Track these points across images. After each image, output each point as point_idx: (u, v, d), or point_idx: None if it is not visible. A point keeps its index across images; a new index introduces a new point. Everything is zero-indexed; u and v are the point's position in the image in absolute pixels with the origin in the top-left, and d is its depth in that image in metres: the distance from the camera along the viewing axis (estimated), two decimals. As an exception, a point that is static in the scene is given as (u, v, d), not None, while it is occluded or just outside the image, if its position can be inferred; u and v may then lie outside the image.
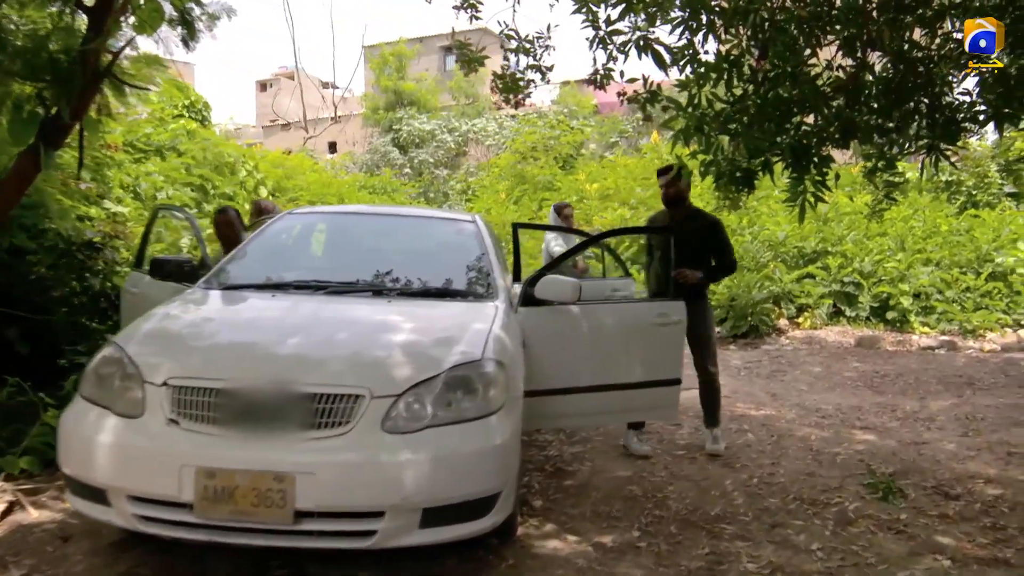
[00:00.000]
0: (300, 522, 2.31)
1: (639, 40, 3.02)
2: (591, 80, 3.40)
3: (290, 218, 4.25)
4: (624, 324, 3.82)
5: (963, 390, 6.39)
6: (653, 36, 3.06)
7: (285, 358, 2.56)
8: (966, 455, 4.54)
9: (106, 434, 2.44)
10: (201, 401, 2.41)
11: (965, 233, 10.10)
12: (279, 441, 2.35)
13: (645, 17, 3.01)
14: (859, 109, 3.49)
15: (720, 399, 4.67)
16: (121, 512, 2.43)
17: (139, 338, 2.77)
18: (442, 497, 2.40)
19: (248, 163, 9.71)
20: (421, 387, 2.50)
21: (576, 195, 14.07)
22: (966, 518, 3.52)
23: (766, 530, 3.33)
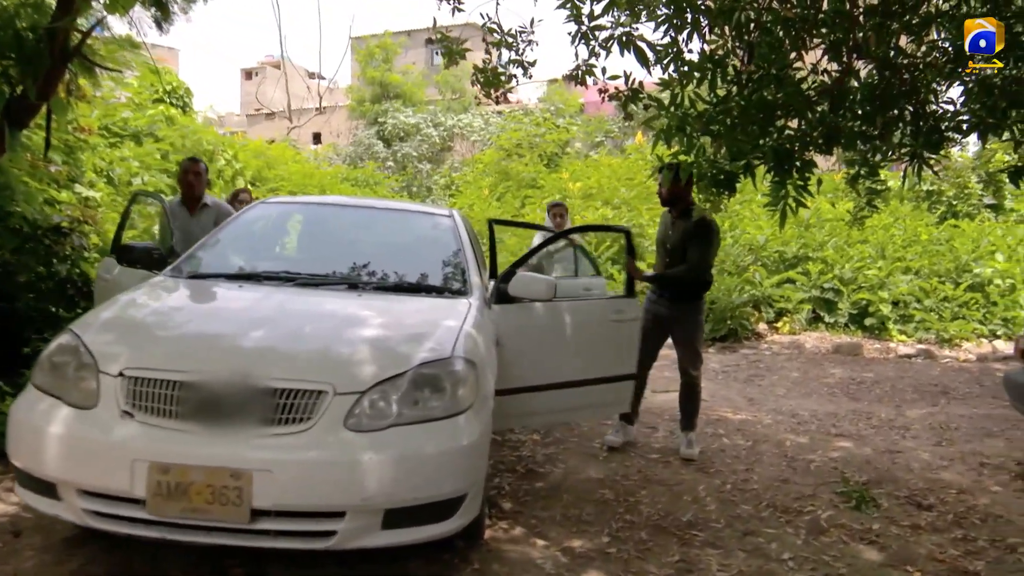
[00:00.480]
0: (257, 521, 2.22)
1: (622, 36, 2.96)
2: (572, 76, 3.34)
3: (264, 207, 4.16)
4: (584, 322, 3.79)
5: (938, 399, 6.41)
6: (636, 33, 3.00)
7: (246, 351, 2.48)
8: (939, 465, 4.54)
9: (57, 425, 2.34)
10: (157, 393, 2.31)
11: (945, 243, 10.17)
12: (237, 437, 2.26)
13: (629, 13, 2.94)
14: (843, 115, 3.45)
15: (699, 404, 4.61)
16: (71, 507, 2.34)
17: (97, 326, 2.67)
18: (405, 498, 2.32)
19: (227, 152, 9.54)
20: (387, 384, 2.43)
21: (559, 193, 14.02)
22: (938, 529, 3.51)
23: (738, 537, 3.29)
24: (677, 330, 4.49)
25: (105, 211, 6.36)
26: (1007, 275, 9.31)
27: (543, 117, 20.18)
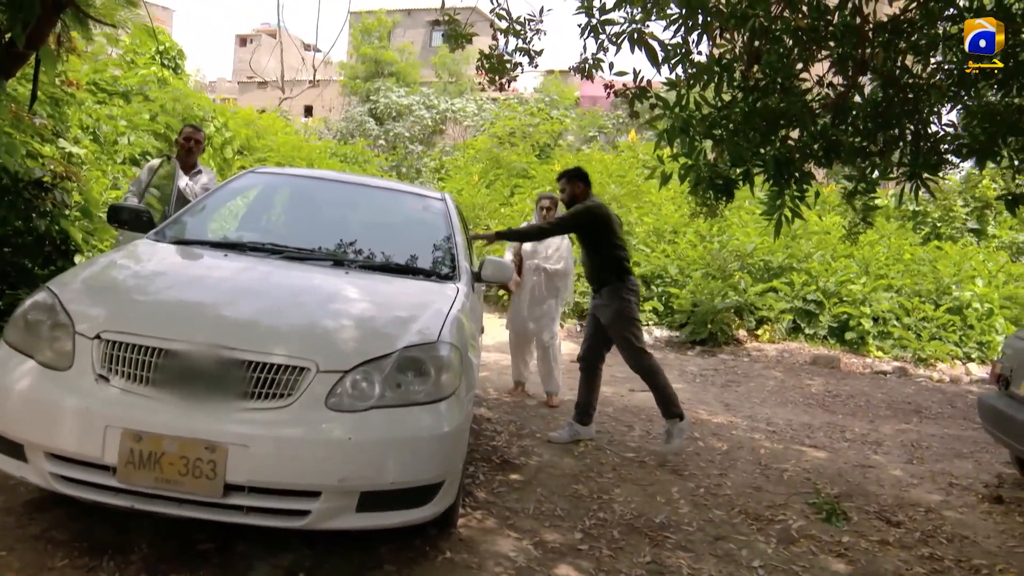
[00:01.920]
0: (229, 496, 2.18)
1: (633, 32, 2.92)
2: (578, 68, 3.30)
3: (252, 176, 4.08)
4: None
5: (911, 417, 6.49)
6: (647, 30, 2.96)
7: (229, 321, 2.42)
8: (909, 482, 4.58)
9: (28, 385, 2.27)
10: (135, 359, 2.25)
11: (928, 264, 10.26)
12: (214, 409, 2.21)
13: (641, 10, 2.90)
14: (844, 129, 3.46)
15: (662, 392, 4.50)
16: (37, 470, 2.27)
17: (75, 286, 2.59)
18: (382, 482, 2.29)
19: (218, 119, 9.38)
20: (371, 365, 2.39)
21: (550, 185, 13.98)
22: (905, 546, 3.54)
23: (709, 542, 3.30)
24: (601, 320, 4.53)
25: (89, 169, 6.22)
26: (986, 300, 9.43)
27: (538, 107, 20.10)
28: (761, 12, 2.74)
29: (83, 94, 6.95)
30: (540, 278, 5.55)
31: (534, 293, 5.53)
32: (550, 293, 5.57)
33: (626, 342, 4.44)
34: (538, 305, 5.54)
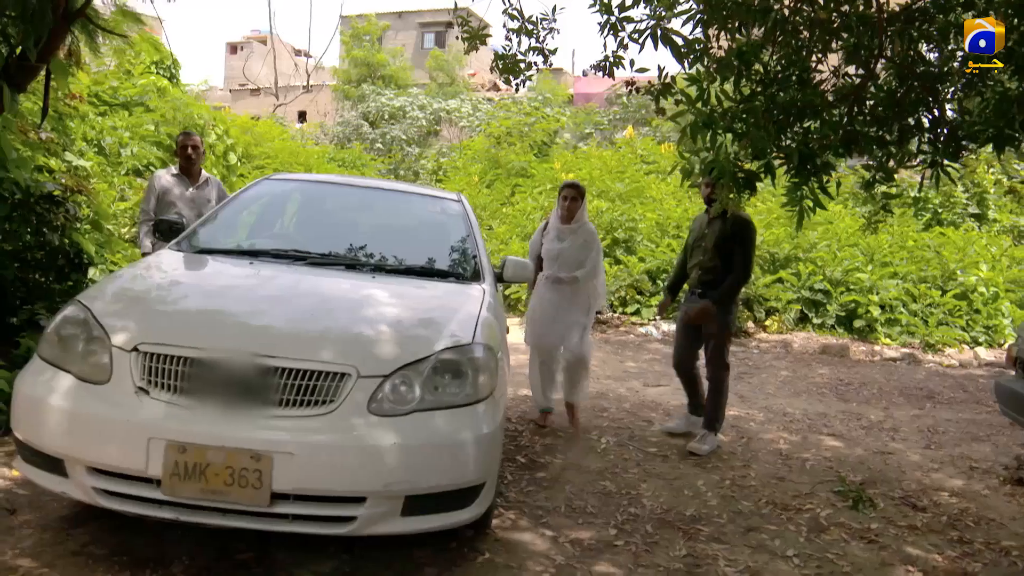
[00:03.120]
0: (275, 504, 2.17)
1: (655, 29, 2.92)
2: (600, 66, 3.30)
3: (268, 184, 4.07)
4: None
5: (924, 403, 6.50)
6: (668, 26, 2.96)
7: (267, 330, 2.42)
8: (930, 467, 4.60)
9: (67, 400, 2.27)
10: (174, 370, 2.25)
11: (932, 250, 10.29)
12: (258, 418, 2.21)
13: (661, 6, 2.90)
14: (862, 119, 3.46)
15: (720, 406, 4.57)
16: (79, 484, 2.27)
17: (106, 298, 2.59)
18: (426, 485, 2.29)
19: (219, 127, 9.36)
20: (409, 369, 2.39)
21: (550, 183, 13.99)
22: (933, 530, 3.55)
23: (741, 533, 3.31)
24: (705, 327, 4.54)
25: (96, 181, 6.21)
26: (991, 284, 9.46)
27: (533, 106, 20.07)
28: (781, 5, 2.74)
29: (85, 107, 6.93)
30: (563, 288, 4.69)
31: (560, 305, 4.68)
32: (576, 302, 4.72)
33: (720, 352, 4.50)
34: (563, 318, 4.68)
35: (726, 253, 4.43)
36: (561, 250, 4.64)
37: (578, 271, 4.62)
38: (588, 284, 4.72)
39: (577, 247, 4.64)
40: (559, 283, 4.65)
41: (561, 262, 4.64)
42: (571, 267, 4.63)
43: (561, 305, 4.65)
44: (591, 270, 4.71)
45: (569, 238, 4.64)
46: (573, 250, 4.64)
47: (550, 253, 4.69)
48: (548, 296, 4.70)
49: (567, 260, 4.63)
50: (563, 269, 4.64)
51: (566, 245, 4.64)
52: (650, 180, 13.41)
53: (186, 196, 4.93)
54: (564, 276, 4.63)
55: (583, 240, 4.66)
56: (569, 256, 4.63)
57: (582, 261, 4.64)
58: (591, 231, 4.76)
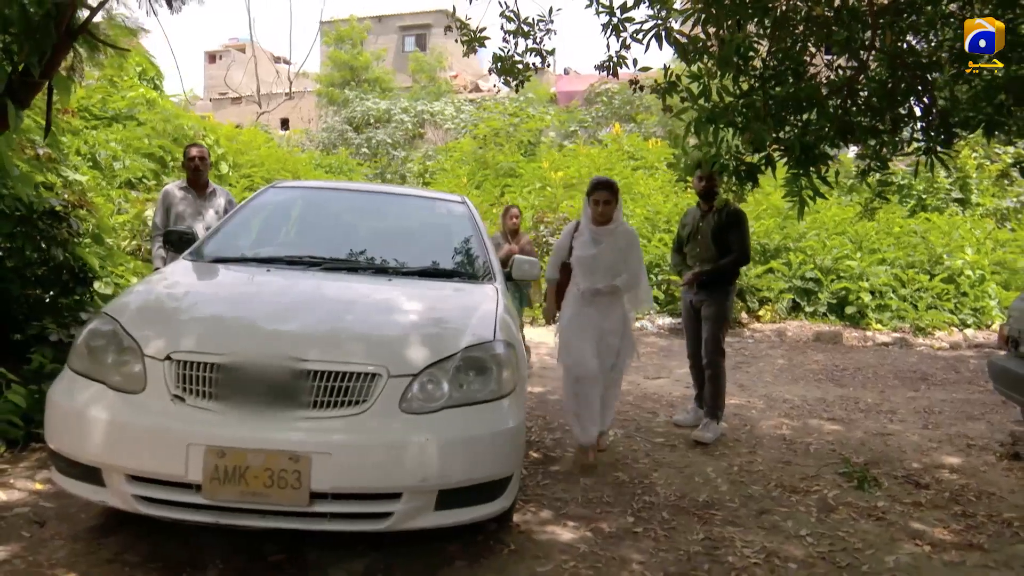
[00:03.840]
0: (315, 504, 2.23)
1: (657, 28, 3.01)
2: (604, 66, 3.37)
3: (273, 192, 4.12)
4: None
5: (918, 385, 6.65)
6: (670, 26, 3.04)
7: (300, 334, 2.47)
8: (929, 446, 4.72)
9: (103, 410, 2.31)
10: (209, 377, 2.30)
11: (918, 235, 10.47)
12: (294, 420, 2.26)
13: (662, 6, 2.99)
14: (855, 110, 3.57)
15: (720, 393, 4.65)
16: (118, 492, 2.31)
17: (133, 310, 2.63)
18: (458, 479, 2.36)
19: (209, 137, 9.36)
20: (436, 367, 2.46)
21: (539, 182, 14.08)
22: (937, 506, 3.66)
23: (754, 516, 3.40)
24: (704, 310, 4.63)
25: (92, 195, 6.21)
26: (976, 267, 9.65)
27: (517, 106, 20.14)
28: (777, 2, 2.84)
29: (77, 121, 6.94)
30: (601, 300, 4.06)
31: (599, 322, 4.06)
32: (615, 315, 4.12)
33: (716, 337, 4.59)
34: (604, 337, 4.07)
35: (723, 244, 4.54)
36: (597, 255, 4.01)
37: (617, 279, 4.02)
38: (628, 292, 4.13)
39: (616, 251, 4.03)
40: (597, 295, 4.02)
41: (597, 269, 4.02)
42: (609, 275, 4.02)
43: (601, 323, 4.04)
44: (632, 278, 4.09)
45: (606, 241, 4.01)
46: (611, 255, 4.02)
47: (583, 260, 4.05)
48: (585, 311, 4.06)
49: (604, 267, 4.01)
50: (600, 278, 4.01)
51: (602, 250, 4.01)
52: (638, 176, 13.54)
53: (195, 207, 4.96)
54: (603, 287, 4.00)
55: (623, 243, 4.05)
56: (606, 262, 4.01)
57: (622, 267, 4.04)
58: (631, 232, 4.19)
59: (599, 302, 4.04)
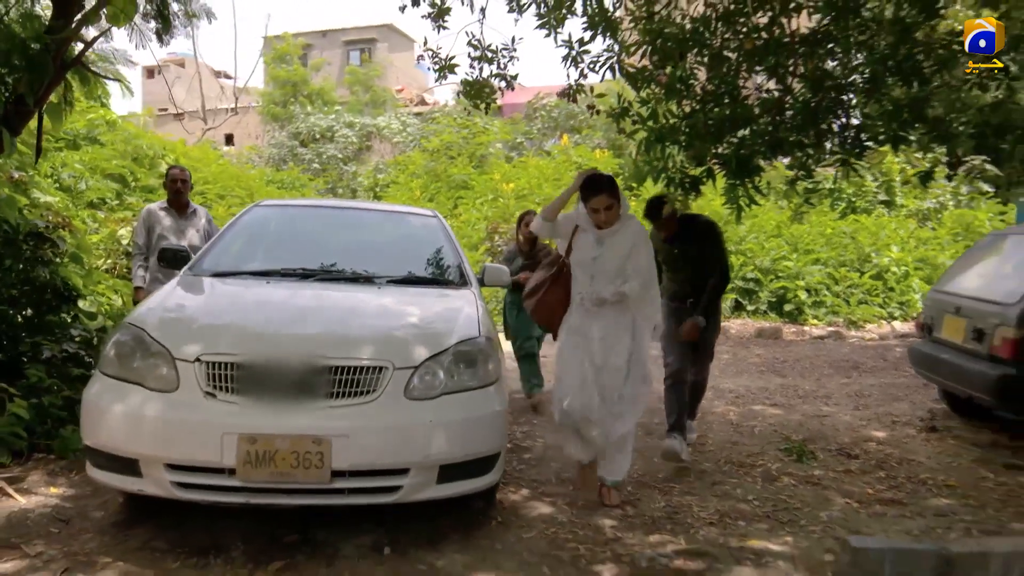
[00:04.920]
0: (335, 481, 2.57)
1: (608, 60, 3.45)
2: (565, 93, 3.80)
3: (259, 210, 4.41)
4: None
5: (850, 372, 7.28)
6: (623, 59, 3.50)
7: (316, 336, 2.81)
8: (859, 424, 5.28)
9: (142, 407, 2.61)
10: (236, 375, 2.62)
11: (848, 236, 11.25)
12: (314, 409, 2.61)
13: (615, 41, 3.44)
14: (784, 127, 4.08)
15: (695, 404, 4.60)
16: (156, 480, 2.61)
17: (154, 319, 2.92)
18: (456, 455, 2.73)
19: (168, 156, 9.49)
20: (433, 360, 2.83)
21: (491, 194, 14.49)
22: (865, 471, 4.19)
23: (708, 487, 3.86)
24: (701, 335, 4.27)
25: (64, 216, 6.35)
26: (901, 264, 10.46)
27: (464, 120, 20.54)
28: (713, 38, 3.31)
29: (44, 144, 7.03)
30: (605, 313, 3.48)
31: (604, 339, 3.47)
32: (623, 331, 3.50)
33: (711, 356, 4.52)
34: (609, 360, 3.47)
35: (700, 260, 4.22)
36: (598, 258, 3.45)
37: (625, 286, 3.41)
38: (639, 301, 3.46)
39: (623, 251, 3.43)
40: (601, 305, 3.44)
41: (600, 274, 3.45)
42: (615, 279, 3.43)
43: (603, 340, 3.45)
44: (643, 284, 3.44)
45: (609, 240, 3.44)
46: (616, 256, 3.43)
47: (583, 263, 3.49)
48: (584, 325, 3.50)
49: (608, 270, 3.43)
50: (604, 285, 3.44)
51: (606, 251, 3.44)
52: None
53: (176, 227, 5.17)
54: (608, 294, 3.42)
55: (630, 242, 3.44)
56: (611, 265, 3.43)
57: (630, 271, 3.44)
58: (638, 228, 3.51)
59: (603, 315, 3.45)
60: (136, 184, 8.52)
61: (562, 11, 3.77)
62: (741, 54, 3.81)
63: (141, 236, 5.12)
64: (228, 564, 2.76)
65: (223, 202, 11.04)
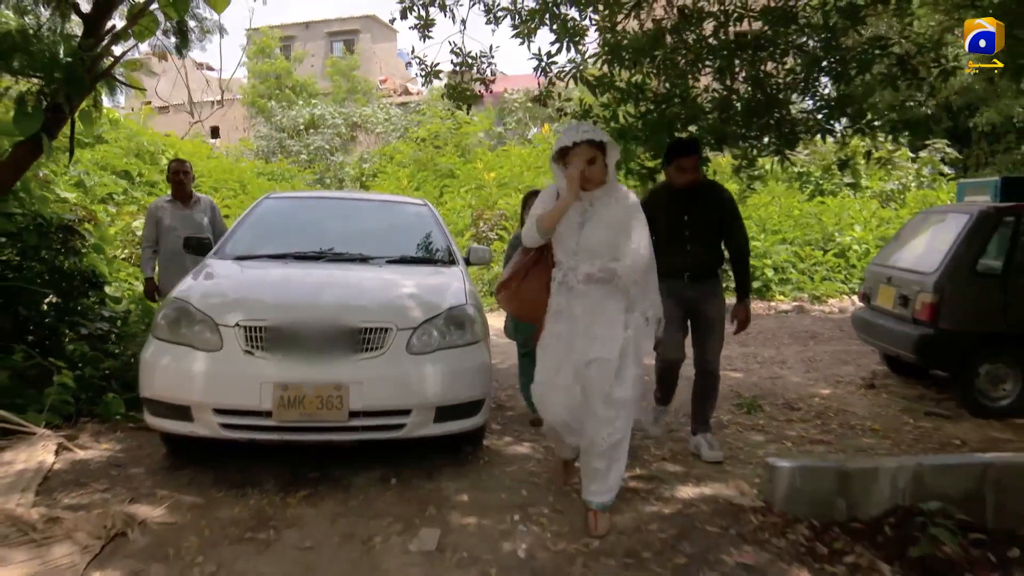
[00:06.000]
0: (351, 420, 3.18)
1: (573, 71, 4.06)
2: (537, 98, 4.40)
3: (270, 201, 4.99)
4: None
5: (808, 341, 7.96)
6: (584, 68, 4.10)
7: (330, 304, 3.41)
8: (807, 384, 5.95)
9: (194, 364, 3.20)
10: (268, 336, 3.22)
11: (814, 216, 11.94)
12: (334, 361, 3.21)
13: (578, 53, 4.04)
14: (728, 122, 4.70)
15: (716, 399, 4.15)
16: (206, 423, 3.20)
17: (196, 294, 3.51)
18: (449, 399, 3.34)
19: (168, 152, 9.99)
20: (429, 323, 3.43)
21: (475, 183, 15.05)
22: (804, 420, 4.85)
23: (666, 434, 4.49)
24: (702, 311, 3.88)
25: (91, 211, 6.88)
26: (863, 242, 11.15)
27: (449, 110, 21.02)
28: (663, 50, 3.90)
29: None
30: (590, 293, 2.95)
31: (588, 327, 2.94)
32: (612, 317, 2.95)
33: (721, 339, 3.99)
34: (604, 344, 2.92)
35: (716, 229, 3.89)
36: (584, 228, 2.94)
37: (614, 262, 2.91)
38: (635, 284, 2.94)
39: (612, 222, 2.92)
40: (588, 283, 2.93)
41: (584, 250, 2.94)
42: (603, 255, 2.93)
43: (589, 329, 2.92)
44: (637, 266, 2.90)
45: (595, 210, 2.94)
46: (604, 228, 2.92)
47: (564, 240, 2.98)
48: (567, 310, 2.98)
49: (593, 246, 2.92)
50: (590, 260, 2.93)
51: (591, 223, 2.93)
52: (568, 173, 14.63)
53: (181, 217, 5.71)
54: (594, 270, 2.92)
55: (621, 214, 2.93)
56: (597, 239, 2.92)
57: (623, 249, 2.91)
58: (632, 201, 2.99)
59: (590, 294, 2.93)
60: (141, 179, 9.02)
61: (533, 23, 4.35)
62: (689, 60, 4.41)
63: (149, 228, 5.61)
64: (263, 494, 3.36)
65: (217, 195, 11.55)
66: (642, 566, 2.74)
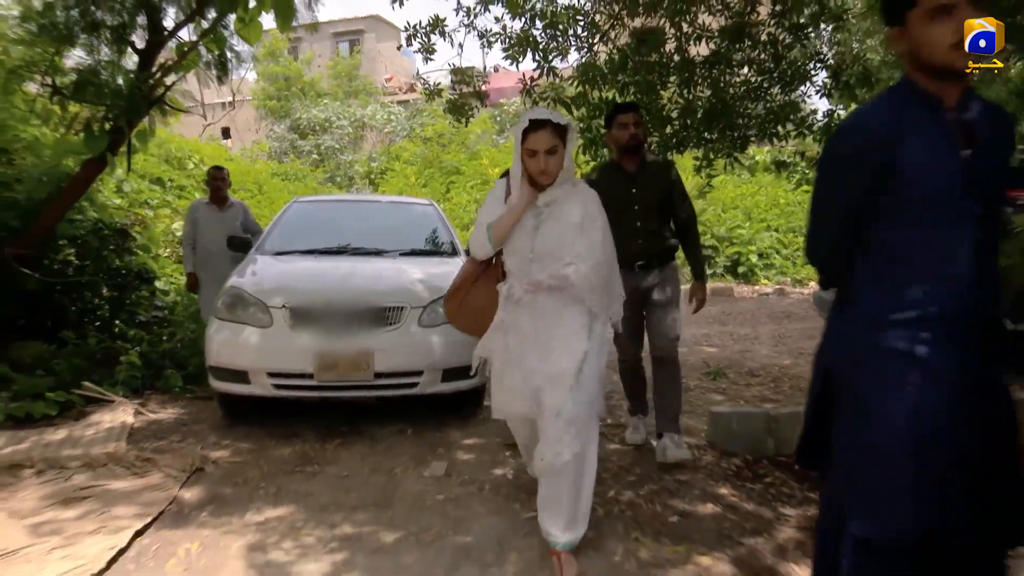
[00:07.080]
0: (376, 380, 4.00)
1: (553, 94, 4.85)
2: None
3: (298, 205, 5.82)
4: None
5: (782, 320, 8.73)
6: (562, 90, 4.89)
7: (357, 288, 4.24)
8: (773, 356, 6.73)
9: (247, 337, 4.04)
10: (310, 315, 4.04)
11: (798, 205, 12.66)
12: (362, 334, 4.03)
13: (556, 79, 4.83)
14: (690, 127, 5.48)
15: (680, 389, 3.82)
16: (261, 384, 4.04)
17: (248, 283, 4.34)
18: (453, 362, 4.15)
19: (195, 157, 10.83)
20: (435, 303, 4.24)
21: (480, 178, 15.86)
22: (761, 384, 5.64)
23: (640, 396, 5.29)
24: (658, 295, 3.66)
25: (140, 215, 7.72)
26: (842, 228, 11.88)
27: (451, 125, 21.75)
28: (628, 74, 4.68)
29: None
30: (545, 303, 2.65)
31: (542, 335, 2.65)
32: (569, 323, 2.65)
33: (678, 325, 3.74)
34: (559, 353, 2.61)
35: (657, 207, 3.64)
36: (539, 231, 2.66)
37: (568, 268, 2.61)
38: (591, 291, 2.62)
39: (569, 221, 2.64)
40: (536, 292, 2.65)
41: (536, 258, 2.65)
42: (556, 259, 2.64)
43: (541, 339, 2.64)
44: (597, 267, 2.62)
45: (551, 210, 2.66)
46: (561, 229, 2.64)
47: (518, 246, 2.69)
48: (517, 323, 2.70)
49: (550, 249, 2.64)
50: (543, 266, 2.64)
51: (544, 226, 2.65)
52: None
53: (215, 219, 6.51)
54: (546, 278, 2.63)
55: (578, 211, 2.64)
56: (553, 241, 2.64)
57: (580, 250, 2.62)
58: (591, 195, 2.72)
59: (537, 305, 2.65)
60: (172, 184, 9.86)
61: (521, 48, 5.14)
62: (653, 78, 5.19)
63: (188, 227, 6.38)
64: (305, 442, 4.19)
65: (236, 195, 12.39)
66: (600, 481, 3.55)
